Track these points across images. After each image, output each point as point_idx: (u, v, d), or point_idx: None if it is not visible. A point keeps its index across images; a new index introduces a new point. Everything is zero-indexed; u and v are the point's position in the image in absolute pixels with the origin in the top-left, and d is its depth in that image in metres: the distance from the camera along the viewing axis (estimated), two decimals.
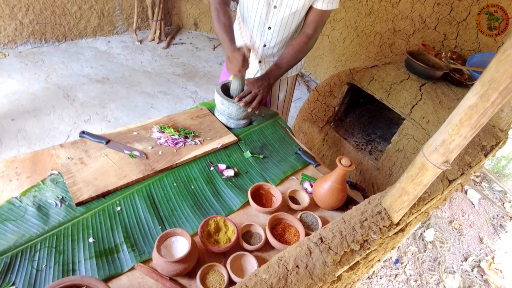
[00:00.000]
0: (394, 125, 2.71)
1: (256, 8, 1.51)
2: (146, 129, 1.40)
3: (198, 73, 3.65)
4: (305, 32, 1.55)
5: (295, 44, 1.55)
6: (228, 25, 1.48)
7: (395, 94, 2.10)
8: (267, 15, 1.53)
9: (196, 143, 1.37)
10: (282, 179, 1.35)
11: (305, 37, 1.55)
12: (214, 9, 1.51)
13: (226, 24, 1.47)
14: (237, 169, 1.34)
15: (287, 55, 1.55)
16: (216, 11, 1.49)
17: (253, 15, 1.55)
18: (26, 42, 3.33)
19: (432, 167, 0.85)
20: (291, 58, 1.56)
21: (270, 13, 1.52)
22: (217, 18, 1.49)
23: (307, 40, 1.55)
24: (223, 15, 1.48)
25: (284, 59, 1.56)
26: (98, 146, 1.27)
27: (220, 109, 1.51)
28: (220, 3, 1.51)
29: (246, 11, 1.56)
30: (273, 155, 1.46)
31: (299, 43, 1.55)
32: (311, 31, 1.55)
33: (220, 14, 1.48)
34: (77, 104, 2.83)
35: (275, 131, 1.60)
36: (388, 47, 3.06)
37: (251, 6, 1.52)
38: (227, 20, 1.48)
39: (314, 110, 2.54)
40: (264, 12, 1.51)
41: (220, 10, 1.49)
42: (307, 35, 1.55)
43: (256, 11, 1.52)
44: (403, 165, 2.11)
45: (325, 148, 2.55)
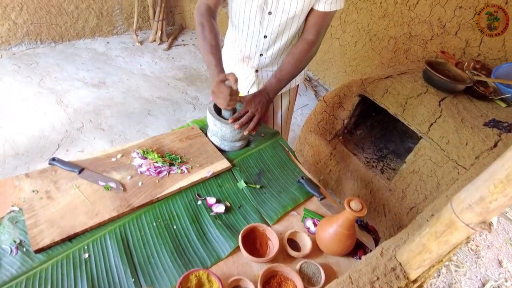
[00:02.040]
0: (408, 139, 2.51)
1: (249, 16, 1.33)
2: (127, 154, 1.23)
3: (200, 77, 3.47)
4: (306, 38, 1.36)
5: (295, 52, 1.36)
6: (215, 45, 1.29)
7: (411, 109, 1.89)
8: (262, 22, 1.34)
9: (182, 171, 1.20)
10: (281, 215, 1.17)
11: (307, 43, 1.36)
12: (198, 23, 1.32)
13: (213, 44, 1.29)
14: (229, 203, 1.16)
15: (288, 66, 1.36)
16: (201, 26, 1.31)
17: (246, 24, 1.36)
18: (20, 43, 3.19)
19: (464, 227, 0.66)
20: (292, 68, 1.37)
21: (265, 21, 1.33)
22: (202, 35, 1.30)
23: (309, 47, 1.36)
24: (209, 32, 1.30)
25: (284, 70, 1.36)
26: (69, 176, 1.11)
27: (213, 130, 1.33)
28: (206, 16, 1.32)
29: (238, 19, 1.37)
30: (272, 184, 1.28)
31: (300, 51, 1.35)
32: (313, 37, 1.35)
33: (205, 30, 1.30)
34: (70, 110, 2.68)
35: (275, 154, 1.41)
36: (403, 53, 2.85)
37: (243, 14, 1.33)
38: (213, 39, 1.30)
39: (321, 122, 2.35)
40: (258, 19, 1.33)
41: (206, 25, 1.31)
42: (309, 41, 1.36)
43: (249, 19, 1.34)
44: (418, 188, 1.91)
45: (332, 163, 2.36)
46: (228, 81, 1.17)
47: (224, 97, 1.17)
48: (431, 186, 1.84)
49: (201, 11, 1.33)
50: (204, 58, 1.32)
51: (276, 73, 1.36)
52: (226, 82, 1.18)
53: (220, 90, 1.17)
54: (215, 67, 1.25)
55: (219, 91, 1.18)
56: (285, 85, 1.39)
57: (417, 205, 1.94)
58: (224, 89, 1.16)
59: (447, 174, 1.75)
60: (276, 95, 1.39)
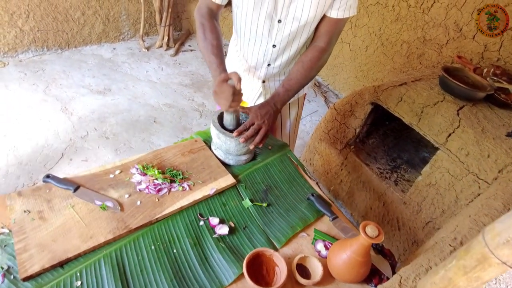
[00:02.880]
0: (422, 148, 2.40)
1: (257, 24, 1.24)
2: (126, 170, 1.16)
3: (207, 83, 3.41)
4: (317, 46, 1.27)
5: (305, 60, 1.27)
6: (216, 46, 1.22)
7: (427, 119, 1.79)
8: (270, 31, 1.25)
9: (184, 189, 1.12)
10: (290, 237, 1.08)
11: (318, 51, 1.27)
12: (199, 24, 1.25)
13: (214, 45, 1.22)
14: (234, 223, 1.08)
15: (297, 74, 1.28)
16: (201, 28, 1.24)
17: (253, 33, 1.28)
18: (27, 50, 3.17)
19: (500, 264, 0.58)
20: (301, 77, 1.28)
21: (274, 29, 1.25)
22: (202, 36, 1.23)
23: (320, 55, 1.27)
24: (210, 32, 1.23)
25: (293, 79, 1.28)
26: (64, 195, 1.04)
27: (217, 143, 1.25)
28: (207, 17, 1.25)
29: (244, 27, 1.28)
30: (279, 201, 1.20)
31: (310, 59, 1.27)
32: (324, 44, 1.27)
33: (206, 31, 1.23)
34: (75, 118, 2.63)
35: (283, 168, 1.33)
36: (417, 58, 2.74)
37: (250, 22, 1.24)
38: (215, 39, 1.23)
39: (332, 130, 2.25)
40: (267, 28, 1.24)
41: (207, 26, 1.24)
42: (320, 49, 1.27)
43: (257, 28, 1.25)
44: (435, 202, 1.80)
45: (343, 173, 2.26)
46: (231, 80, 1.10)
47: (226, 97, 1.09)
48: (449, 201, 1.73)
49: (202, 12, 1.26)
50: (205, 59, 1.24)
51: (284, 83, 1.28)
52: (229, 81, 1.10)
53: (222, 90, 1.08)
54: (217, 67, 1.18)
55: (221, 91, 1.09)
56: (294, 95, 1.31)
57: (433, 220, 1.83)
58: (227, 88, 1.07)
59: (466, 188, 1.64)
60: (284, 105, 1.31)
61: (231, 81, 1.09)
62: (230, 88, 1.07)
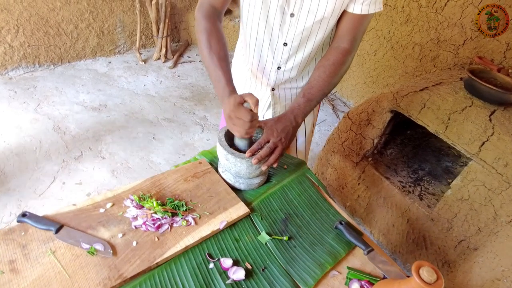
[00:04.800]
0: (444, 157, 2.21)
1: (266, 18, 1.07)
2: (119, 202, 0.97)
3: (208, 95, 3.24)
4: (339, 47, 1.10)
5: (327, 64, 1.09)
6: (223, 57, 1.04)
7: (456, 126, 1.61)
8: (281, 27, 1.08)
9: (188, 223, 0.94)
10: (319, 278, 0.89)
11: (341, 54, 1.09)
12: (202, 29, 1.06)
13: (222, 56, 1.03)
14: (250, 264, 0.89)
15: (319, 82, 1.09)
16: (205, 33, 1.05)
17: (262, 28, 1.10)
18: (17, 67, 3.00)
19: None
20: (324, 85, 1.10)
21: (286, 24, 1.07)
22: (207, 45, 1.04)
23: (344, 58, 1.09)
24: (216, 40, 1.04)
25: (315, 87, 1.09)
26: (43, 237, 0.85)
27: (225, 165, 1.07)
28: (211, 19, 1.07)
29: (251, 22, 1.11)
30: (302, 233, 1.01)
31: (333, 63, 1.09)
32: (347, 45, 1.09)
33: (211, 38, 1.04)
34: (68, 137, 2.46)
35: (303, 191, 1.14)
36: (431, 61, 2.58)
37: (258, 15, 1.07)
38: (222, 50, 1.04)
39: (347, 142, 2.07)
40: (277, 23, 1.07)
41: (213, 32, 1.05)
42: (343, 51, 1.09)
43: (266, 23, 1.08)
44: (468, 218, 1.61)
45: (361, 188, 2.07)
46: (247, 103, 0.92)
47: (243, 124, 0.91)
48: (486, 217, 1.54)
49: (205, 13, 1.07)
50: (210, 73, 1.05)
51: (304, 92, 1.09)
52: (245, 104, 0.93)
53: (239, 115, 0.91)
54: (225, 85, 1.00)
55: (237, 117, 0.91)
56: (316, 105, 1.13)
57: (467, 239, 1.64)
58: (244, 113, 0.89)
59: (507, 203, 1.46)
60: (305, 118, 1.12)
61: (247, 104, 0.92)
62: (247, 113, 0.89)
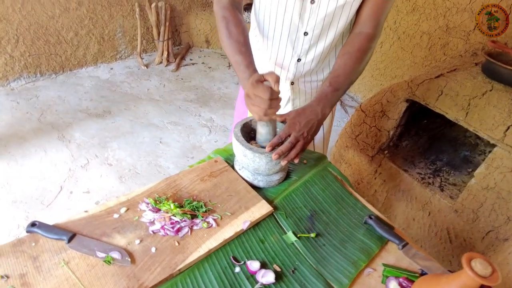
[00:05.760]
0: (461, 147, 2.13)
1: (284, 7, 1.01)
2: (134, 206, 0.91)
3: (213, 96, 3.19)
4: (363, 33, 1.04)
5: (352, 51, 1.03)
6: (243, 43, 1.01)
7: (477, 112, 1.54)
8: (301, 15, 1.02)
9: (209, 225, 0.87)
10: (354, 277, 0.83)
11: (365, 39, 1.03)
12: (221, 18, 1.04)
13: (241, 41, 1.01)
14: (279, 266, 0.83)
15: (345, 69, 1.03)
16: (224, 21, 1.03)
17: (280, 18, 1.05)
18: (19, 77, 2.96)
19: None
20: (350, 72, 1.03)
21: (306, 12, 1.01)
22: (226, 33, 1.02)
23: (369, 43, 1.03)
24: (235, 26, 1.02)
25: (341, 75, 1.03)
26: (55, 247, 0.79)
27: (242, 162, 1.01)
28: (229, 8, 1.04)
29: (269, 14, 1.06)
30: (330, 230, 0.94)
31: (358, 49, 1.03)
32: (371, 30, 1.03)
33: (230, 25, 1.02)
34: (73, 146, 2.40)
35: (326, 186, 1.08)
36: (440, 49, 2.51)
37: (276, 6, 1.02)
38: (241, 35, 1.02)
39: (361, 135, 2.00)
40: (297, 11, 1.01)
41: (231, 19, 1.02)
42: (367, 36, 1.03)
43: (285, 11, 1.02)
44: (496, 207, 1.54)
45: (377, 182, 2.00)
46: (267, 82, 0.87)
47: (262, 102, 0.86)
48: None
49: (223, 4, 1.04)
50: (230, 60, 1.02)
51: (330, 80, 1.03)
52: (265, 82, 0.87)
53: (257, 93, 0.86)
54: (246, 67, 0.96)
55: (255, 94, 0.86)
56: (342, 95, 1.06)
57: (496, 229, 1.56)
58: (263, 91, 0.84)
59: None
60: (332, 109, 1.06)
61: (267, 83, 0.86)
62: (267, 90, 0.84)
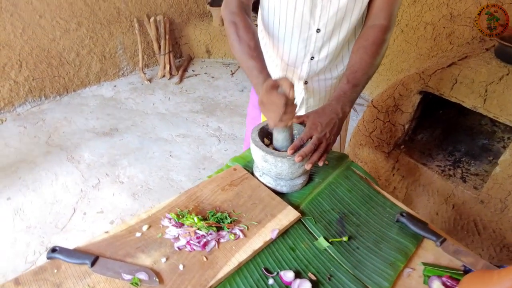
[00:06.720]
0: (478, 135, 2.08)
1: (294, 6, 0.98)
2: (156, 223, 0.87)
3: (219, 105, 3.16)
4: (377, 25, 1.00)
5: (367, 45, 0.99)
6: (254, 47, 0.98)
7: (495, 98, 1.50)
8: (312, 12, 0.99)
9: (236, 236, 0.83)
10: (394, 279, 0.78)
11: (380, 31, 0.99)
12: (229, 23, 1.00)
13: (252, 46, 0.98)
14: (314, 274, 0.78)
15: (361, 64, 0.99)
16: (233, 26, 0.99)
17: (291, 17, 1.02)
18: (24, 102, 2.96)
19: None
20: (367, 67, 0.99)
21: (317, 8, 0.98)
22: (236, 37, 0.98)
23: (384, 35, 1.00)
24: (245, 31, 0.98)
25: (359, 71, 0.98)
26: (78, 273, 0.75)
27: (263, 168, 0.97)
28: (238, 12, 1.00)
29: (279, 13, 1.03)
30: (362, 232, 0.90)
31: (373, 42, 0.99)
32: (385, 21, 1.00)
33: (240, 30, 0.98)
34: (83, 166, 2.38)
35: (352, 187, 1.03)
36: (446, 38, 2.46)
37: (286, 4, 0.99)
38: (251, 40, 0.98)
39: (375, 132, 1.96)
40: (308, 7, 0.98)
41: (240, 23, 0.99)
42: (382, 28, 1.00)
43: (295, 9, 0.99)
44: None
45: (396, 179, 1.95)
46: (281, 88, 0.84)
47: (277, 108, 0.83)
48: None
49: (232, 8, 1.00)
50: (242, 66, 0.99)
51: (348, 77, 0.99)
52: (279, 89, 0.84)
53: (271, 100, 0.83)
54: (259, 73, 0.93)
55: (269, 101, 0.84)
56: (361, 91, 1.03)
57: None
58: (277, 97, 0.81)
59: None
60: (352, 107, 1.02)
61: (281, 89, 0.83)
62: (281, 97, 0.81)
